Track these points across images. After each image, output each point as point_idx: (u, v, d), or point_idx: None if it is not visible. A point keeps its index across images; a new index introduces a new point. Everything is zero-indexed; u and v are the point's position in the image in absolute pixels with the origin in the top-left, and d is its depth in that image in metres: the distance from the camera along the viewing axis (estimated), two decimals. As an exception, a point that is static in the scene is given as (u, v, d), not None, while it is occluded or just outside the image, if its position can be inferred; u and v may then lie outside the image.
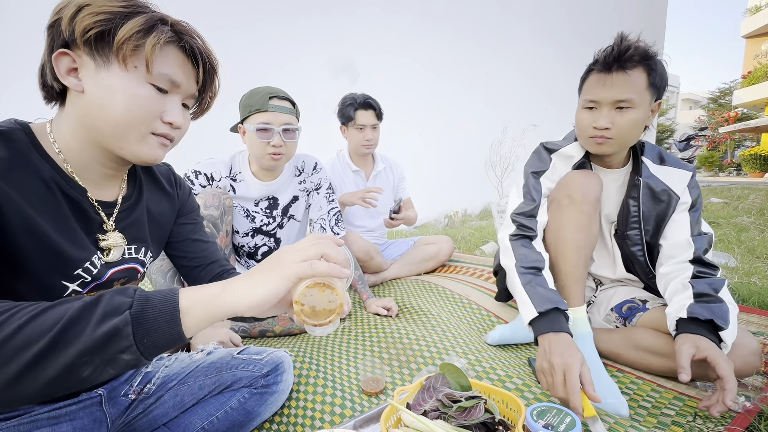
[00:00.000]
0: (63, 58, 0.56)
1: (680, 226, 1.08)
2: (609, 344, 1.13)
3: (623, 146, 1.08)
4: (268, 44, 3.63)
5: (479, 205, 5.57)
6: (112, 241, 0.65)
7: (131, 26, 0.55)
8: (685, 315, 0.91)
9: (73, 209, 0.60)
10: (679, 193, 1.09)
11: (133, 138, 0.59)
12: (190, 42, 0.61)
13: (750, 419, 0.82)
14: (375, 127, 1.92)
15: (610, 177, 1.16)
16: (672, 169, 1.11)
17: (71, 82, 0.57)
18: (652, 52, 1.00)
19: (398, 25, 4.64)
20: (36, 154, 0.57)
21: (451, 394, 0.72)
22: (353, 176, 2.04)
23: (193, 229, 0.88)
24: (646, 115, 1.02)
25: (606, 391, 0.93)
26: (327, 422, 0.91)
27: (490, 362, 1.06)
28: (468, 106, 5.44)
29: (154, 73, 0.57)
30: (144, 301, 0.44)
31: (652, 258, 1.14)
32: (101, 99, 0.56)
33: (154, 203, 0.76)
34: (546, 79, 6.29)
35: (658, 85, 1.01)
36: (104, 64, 0.56)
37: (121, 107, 0.56)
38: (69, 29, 0.54)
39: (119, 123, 0.57)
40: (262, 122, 1.28)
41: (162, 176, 0.81)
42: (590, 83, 1.06)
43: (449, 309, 1.57)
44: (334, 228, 1.60)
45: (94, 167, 0.62)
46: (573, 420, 0.68)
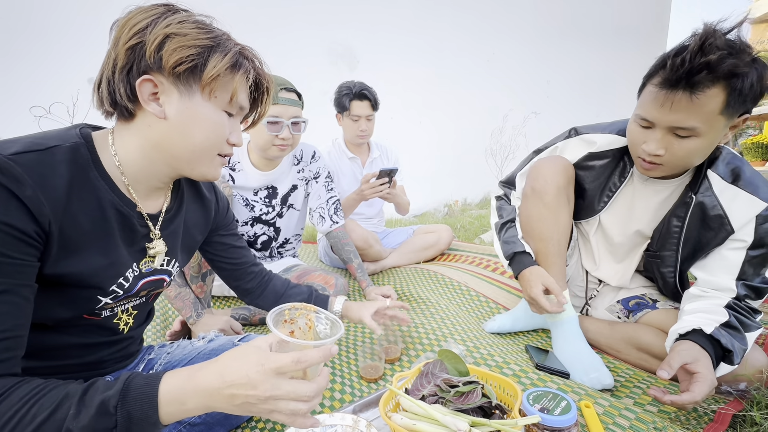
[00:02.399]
0: (147, 84, 0.57)
1: (727, 265, 0.90)
2: (609, 340, 1.11)
3: (677, 171, 0.92)
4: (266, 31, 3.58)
5: (479, 194, 5.56)
6: (159, 249, 0.68)
7: (221, 63, 0.58)
8: (709, 331, 0.82)
9: (121, 224, 0.62)
10: (737, 225, 0.88)
11: (206, 161, 0.63)
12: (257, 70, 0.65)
13: (742, 404, 0.84)
14: (370, 118, 1.91)
15: (653, 188, 1.01)
16: (742, 192, 0.88)
17: (154, 108, 0.58)
18: (743, 68, 0.74)
19: (398, 12, 4.56)
20: (95, 172, 0.58)
21: (449, 379, 0.73)
22: (349, 163, 2.04)
23: (234, 238, 0.95)
24: (715, 139, 0.83)
25: (589, 367, 0.95)
26: (327, 407, 0.93)
27: (488, 349, 1.07)
28: (468, 94, 5.39)
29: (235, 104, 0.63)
30: (127, 422, 0.46)
31: (682, 280, 1.04)
32: (183, 126, 0.59)
33: (190, 213, 0.78)
34: (547, 67, 6.21)
35: (743, 102, 0.78)
36: (187, 92, 0.58)
37: (202, 135, 0.60)
38: (155, 57, 0.55)
39: (197, 149, 0.61)
40: (272, 115, 1.28)
41: (204, 187, 0.84)
42: (647, 97, 0.85)
43: (448, 296, 1.58)
44: (333, 216, 1.60)
45: (150, 181, 0.64)
46: (568, 404, 0.69)
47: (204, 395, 0.49)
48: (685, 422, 0.81)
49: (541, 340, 1.23)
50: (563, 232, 1.09)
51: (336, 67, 4.15)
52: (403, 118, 4.63)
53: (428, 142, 5.03)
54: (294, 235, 1.63)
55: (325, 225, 1.60)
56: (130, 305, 0.71)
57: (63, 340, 0.63)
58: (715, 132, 0.81)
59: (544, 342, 1.22)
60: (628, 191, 1.06)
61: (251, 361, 0.48)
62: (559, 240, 1.08)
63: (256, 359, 0.49)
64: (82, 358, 0.67)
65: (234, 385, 0.48)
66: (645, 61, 0.90)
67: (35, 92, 2.69)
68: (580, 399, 0.84)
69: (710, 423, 0.79)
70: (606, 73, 6.35)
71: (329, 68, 4.09)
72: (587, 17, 6.52)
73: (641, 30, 6.90)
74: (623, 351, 1.08)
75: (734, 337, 0.83)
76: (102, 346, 0.69)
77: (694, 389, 0.74)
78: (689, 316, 0.89)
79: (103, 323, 0.66)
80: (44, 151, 0.53)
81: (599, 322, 1.17)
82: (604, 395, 0.86)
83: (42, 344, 0.61)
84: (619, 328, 1.11)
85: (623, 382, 0.98)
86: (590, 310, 1.25)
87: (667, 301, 1.12)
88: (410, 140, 4.73)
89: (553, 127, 1.24)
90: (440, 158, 5.18)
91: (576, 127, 1.14)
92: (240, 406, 0.49)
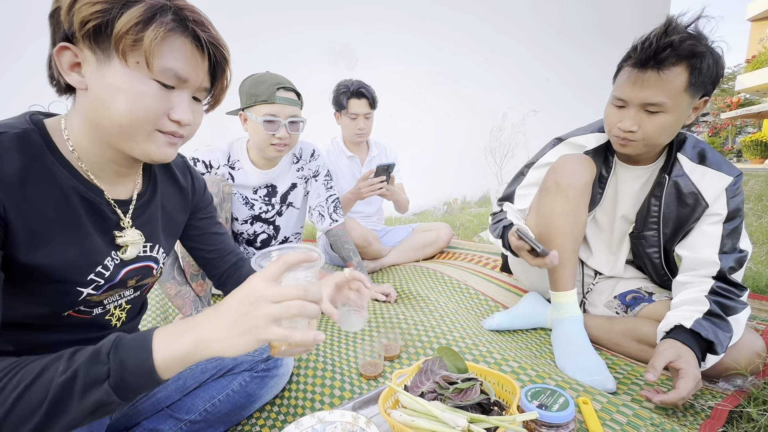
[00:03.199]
0: (65, 52, 0.52)
1: (708, 240, 0.98)
2: (609, 334, 1.12)
3: (651, 148, 1.00)
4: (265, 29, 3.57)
5: (478, 192, 5.57)
6: (129, 239, 0.64)
7: (128, 18, 0.49)
8: (689, 325, 0.87)
9: (90, 212, 0.59)
10: (710, 199, 0.97)
11: (140, 137, 0.56)
12: (196, 31, 0.55)
13: (739, 400, 0.84)
14: (368, 116, 1.90)
15: (632, 174, 1.09)
16: (710, 170, 0.98)
17: (74, 79, 0.53)
18: (701, 48, 0.85)
19: (397, 11, 4.55)
20: (51, 157, 0.54)
21: (448, 376, 0.74)
22: (348, 162, 2.04)
23: (210, 222, 0.89)
24: (681, 117, 0.92)
25: (593, 369, 0.96)
26: (327, 404, 0.93)
27: (487, 346, 1.08)
28: (467, 93, 5.39)
29: (156, 69, 0.52)
30: (121, 369, 0.44)
31: (668, 261, 1.10)
32: (104, 98, 0.53)
33: (167, 198, 0.75)
34: (546, 65, 6.21)
35: (702, 83, 0.88)
36: (105, 59, 0.51)
37: (124, 107, 0.52)
38: (68, 20, 0.50)
39: (123, 123, 0.54)
40: (269, 114, 1.26)
41: (177, 169, 0.78)
42: (621, 78, 0.95)
43: (447, 294, 1.58)
44: (333, 215, 1.60)
45: (107, 165, 0.60)
46: (566, 400, 0.69)
47: (198, 325, 0.48)
48: (682, 418, 0.82)
49: (540, 337, 1.23)
50: (581, 230, 1.10)
51: (335, 65, 4.14)
52: (403, 117, 4.63)
53: (427, 140, 5.03)
54: (294, 233, 1.64)
55: (325, 223, 1.60)
56: (123, 300, 0.69)
57: (52, 338, 0.61)
58: (681, 109, 0.91)
59: (543, 340, 1.22)
60: (612, 181, 1.13)
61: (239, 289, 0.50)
62: (576, 237, 1.09)
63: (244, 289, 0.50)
64: None
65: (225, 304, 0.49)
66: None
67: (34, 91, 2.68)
68: (578, 395, 0.85)
69: (707, 419, 0.80)
70: (605, 72, 6.33)
71: (328, 67, 4.08)
72: (586, 15, 6.51)
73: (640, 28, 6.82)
74: (623, 344, 1.10)
75: (716, 325, 0.88)
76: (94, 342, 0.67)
77: (679, 386, 0.79)
78: (673, 311, 0.94)
79: (93, 321, 0.64)
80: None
81: (598, 317, 1.18)
82: (602, 392, 0.87)
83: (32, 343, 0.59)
84: (618, 321, 1.13)
85: (621, 378, 0.99)
86: (588, 306, 1.26)
87: (663, 292, 1.14)
88: (409, 138, 4.73)
89: (552, 125, 1.26)
90: (439, 156, 5.18)
91: (558, 136, 1.20)
92: (236, 325, 0.47)
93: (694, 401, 0.86)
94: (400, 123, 4.56)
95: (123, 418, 0.79)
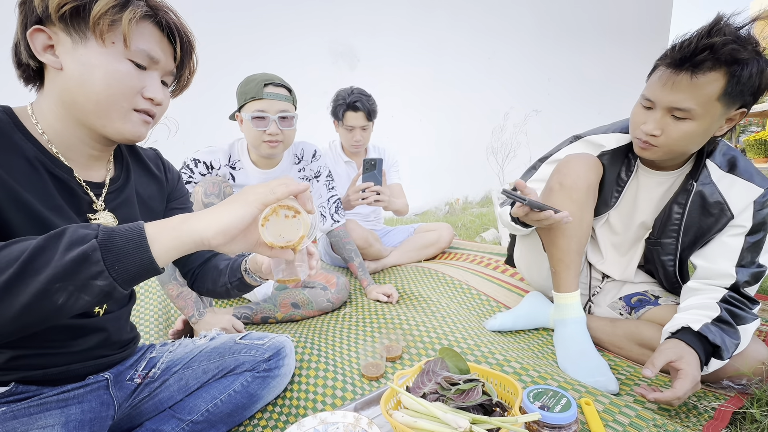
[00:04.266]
0: (38, 34, 0.55)
1: (727, 252, 0.93)
2: (612, 337, 1.11)
3: (672, 156, 0.94)
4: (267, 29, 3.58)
5: (480, 192, 5.56)
6: (102, 221, 0.64)
7: (106, 0, 0.54)
8: (697, 328, 0.85)
9: (60, 189, 0.60)
10: (736, 211, 0.92)
11: (115, 115, 0.59)
12: (165, 17, 0.60)
13: (743, 401, 0.84)
14: (365, 128, 1.88)
15: (656, 179, 1.04)
16: (739, 179, 0.93)
17: (48, 59, 0.56)
18: (745, 55, 0.78)
19: (398, 12, 4.56)
20: (19, 134, 0.56)
21: (450, 377, 0.73)
22: (345, 166, 2.04)
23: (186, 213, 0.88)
24: (710, 127, 0.86)
25: (595, 370, 0.96)
26: (329, 405, 0.93)
27: (489, 347, 1.08)
28: (469, 92, 5.38)
29: (132, 49, 0.57)
30: (109, 231, 0.44)
31: (682, 269, 1.06)
32: (80, 76, 0.55)
33: (142, 186, 0.76)
34: (548, 65, 6.19)
35: (739, 93, 0.81)
36: (81, 40, 0.55)
37: (101, 83, 0.56)
38: (42, 5, 0.53)
39: (100, 100, 0.57)
40: (258, 110, 1.26)
41: (149, 160, 0.80)
42: (654, 78, 0.90)
43: (449, 295, 1.58)
44: (334, 215, 1.60)
45: (79, 147, 0.62)
46: (569, 401, 0.69)
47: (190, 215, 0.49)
48: (685, 420, 0.81)
49: (542, 338, 1.23)
50: (586, 231, 1.08)
51: (336, 66, 4.14)
52: (404, 117, 4.62)
53: (429, 141, 5.03)
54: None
55: (326, 224, 1.60)
56: None
57: None
58: (711, 119, 0.84)
59: (545, 340, 1.22)
60: (633, 185, 1.09)
61: None
62: (580, 238, 1.08)
63: None
64: (68, 346, 0.66)
65: None
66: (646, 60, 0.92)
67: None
68: (580, 396, 0.85)
69: (710, 420, 0.80)
70: (607, 72, 6.33)
71: (330, 67, 4.08)
72: (587, 15, 6.49)
73: (642, 28, 6.87)
74: (625, 347, 1.09)
75: (725, 332, 0.85)
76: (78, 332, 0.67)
77: (676, 385, 0.77)
78: (681, 313, 0.92)
79: None
80: None
81: (601, 319, 1.18)
82: (604, 393, 0.87)
83: None
84: (621, 324, 1.12)
85: (623, 380, 0.98)
86: (593, 307, 1.26)
87: (669, 296, 1.13)
88: (411, 138, 4.73)
89: (554, 125, 1.25)
90: (441, 156, 5.18)
91: (577, 134, 1.16)
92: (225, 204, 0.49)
93: (698, 402, 0.86)
94: (402, 123, 4.56)
95: (125, 419, 0.79)
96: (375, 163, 1.65)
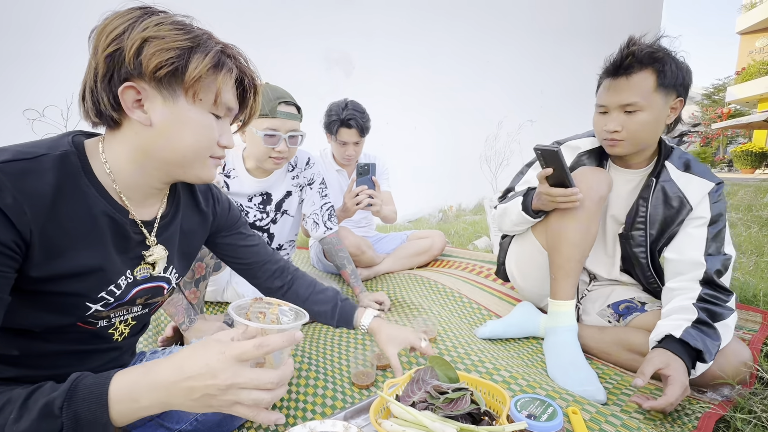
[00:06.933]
0: (129, 91, 0.56)
1: (694, 242, 1.04)
2: (600, 344, 1.14)
3: (638, 147, 1.07)
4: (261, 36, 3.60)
5: (473, 200, 5.60)
6: (157, 255, 0.68)
7: (203, 64, 0.56)
8: (678, 335, 0.90)
9: (114, 232, 0.62)
10: (694, 203, 1.05)
11: (198, 164, 0.62)
12: (241, 68, 0.63)
13: (726, 410, 0.86)
14: (357, 143, 1.90)
15: (624, 177, 1.16)
16: (694, 177, 1.07)
17: (139, 115, 0.57)
18: (660, 54, 0.99)
19: (393, 20, 4.61)
20: (85, 179, 0.57)
21: (439, 386, 0.74)
22: (336, 175, 2.05)
23: (239, 238, 0.93)
24: (659, 115, 1.02)
25: (584, 380, 0.97)
26: (318, 413, 0.93)
27: (479, 355, 1.08)
28: (464, 101, 5.45)
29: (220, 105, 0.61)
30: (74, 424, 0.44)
31: (654, 262, 1.14)
32: (170, 132, 0.58)
33: (186, 220, 0.77)
34: (542, 75, 6.30)
35: (671, 84, 1.00)
36: (171, 96, 0.57)
37: (191, 139, 0.59)
38: (135, 63, 0.54)
39: (187, 153, 0.60)
40: (270, 128, 1.27)
41: (200, 193, 0.82)
42: (601, 89, 1.09)
43: (441, 303, 1.59)
44: (327, 223, 1.61)
45: (142, 188, 0.64)
46: (555, 410, 0.70)
47: (161, 390, 0.46)
48: (670, 429, 0.83)
49: (532, 346, 1.24)
50: (590, 242, 1.12)
51: (332, 73, 4.18)
52: (398, 124, 4.66)
53: (423, 148, 5.07)
54: (288, 241, 1.64)
55: (319, 231, 1.61)
56: (130, 316, 0.70)
57: (52, 347, 0.62)
58: (656, 107, 1.01)
59: (535, 349, 1.23)
60: None
61: (212, 351, 0.47)
62: (584, 248, 1.11)
63: (217, 349, 0.47)
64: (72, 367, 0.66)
65: (193, 376, 0.46)
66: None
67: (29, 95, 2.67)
68: (567, 405, 0.86)
69: (694, 429, 0.81)
70: (598, 82, 6.45)
71: (325, 74, 4.11)
72: (580, 27, 6.63)
73: (633, 40, 7.02)
74: (614, 354, 1.11)
75: (705, 333, 0.91)
76: (93, 354, 0.69)
77: (667, 392, 0.82)
78: (663, 320, 0.98)
79: (97, 333, 0.66)
80: (32, 159, 0.53)
81: (590, 327, 1.20)
82: (591, 402, 0.88)
83: (30, 351, 0.60)
84: (609, 331, 1.15)
85: (611, 389, 1.00)
86: (581, 314, 1.28)
87: (655, 302, 1.17)
88: (405, 146, 4.76)
89: (547, 134, 1.28)
90: (435, 164, 5.22)
91: (558, 140, 1.26)
92: (199, 400, 0.46)
93: (682, 411, 0.87)
94: (397, 130, 4.59)
95: (113, 427, 0.78)
96: (368, 167, 1.68)
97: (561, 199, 1.07)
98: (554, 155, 1.02)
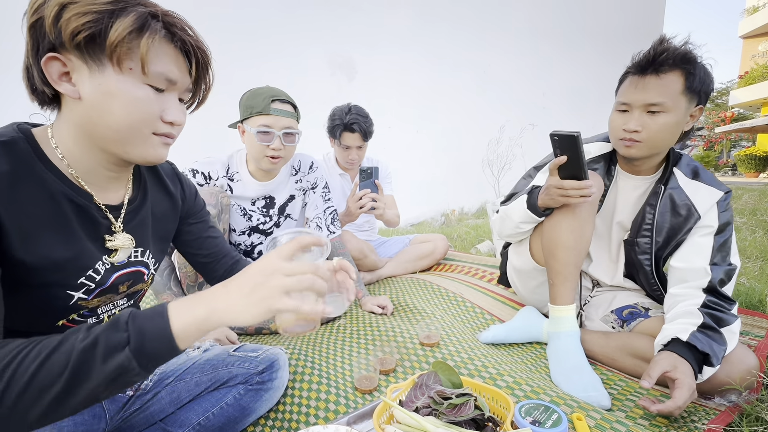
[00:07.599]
0: (53, 62, 0.53)
1: (700, 251, 1.03)
2: (605, 349, 1.13)
3: (654, 150, 1.04)
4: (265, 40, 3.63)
5: (476, 204, 5.59)
6: (119, 242, 0.65)
7: (122, 27, 0.51)
8: (685, 338, 0.89)
9: (80, 217, 0.60)
10: (702, 211, 1.04)
11: (137, 141, 0.58)
12: (182, 36, 0.58)
13: (732, 416, 0.85)
14: (360, 147, 1.91)
15: (632, 183, 1.14)
16: (702, 185, 1.06)
17: (66, 88, 0.54)
18: (693, 56, 0.97)
19: (396, 25, 4.64)
20: (40, 164, 0.55)
21: (443, 391, 0.74)
22: (339, 179, 2.06)
23: (203, 227, 0.90)
24: (680, 120, 1.00)
25: (588, 385, 0.97)
26: (321, 418, 0.93)
27: (483, 360, 1.08)
28: (465, 105, 5.45)
29: (151, 74, 0.55)
30: (140, 336, 0.45)
31: (658, 269, 1.13)
32: (100, 105, 0.54)
33: (157, 204, 0.76)
34: (544, 79, 6.30)
35: (696, 90, 0.98)
36: (98, 67, 0.53)
37: (121, 112, 0.54)
38: (54, 31, 0.51)
39: (121, 128, 0.55)
40: (263, 125, 1.28)
41: (167, 176, 0.80)
42: (625, 86, 1.05)
43: (444, 307, 1.59)
44: (330, 227, 1.61)
45: (99, 171, 0.61)
46: (559, 417, 0.70)
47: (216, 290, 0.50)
48: (676, 435, 0.82)
49: (535, 351, 1.24)
50: (585, 245, 1.11)
51: (335, 77, 4.20)
52: (401, 128, 4.67)
53: (425, 152, 5.07)
54: (291, 244, 1.64)
55: (322, 235, 1.61)
56: (116, 309, 0.69)
57: None
58: (680, 111, 0.99)
59: (538, 354, 1.22)
60: (613, 189, 1.17)
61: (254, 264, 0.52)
62: (580, 252, 1.10)
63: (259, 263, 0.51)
64: None
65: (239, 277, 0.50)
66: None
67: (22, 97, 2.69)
68: (572, 411, 0.85)
69: (700, 436, 0.80)
70: (601, 86, 6.45)
71: (329, 78, 4.14)
72: (582, 31, 6.64)
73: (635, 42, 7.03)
74: (618, 359, 1.10)
75: (711, 338, 0.90)
76: None
77: (675, 395, 0.81)
78: (669, 324, 0.97)
79: None
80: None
81: (594, 333, 1.19)
82: (596, 408, 0.87)
83: None
84: (614, 337, 1.14)
85: (615, 394, 0.99)
86: (585, 320, 1.27)
87: (659, 308, 1.15)
88: (408, 149, 4.77)
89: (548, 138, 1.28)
90: (437, 168, 5.22)
91: None
92: (251, 295, 0.48)
93: (688, 417, 0.87)
94: (399, 134, 4.60)
95: (116, 431, 0.78)
96: (371, 172, 1.69)
97: (573, 193, 1.03)
98: (572, 140, 0.98)
